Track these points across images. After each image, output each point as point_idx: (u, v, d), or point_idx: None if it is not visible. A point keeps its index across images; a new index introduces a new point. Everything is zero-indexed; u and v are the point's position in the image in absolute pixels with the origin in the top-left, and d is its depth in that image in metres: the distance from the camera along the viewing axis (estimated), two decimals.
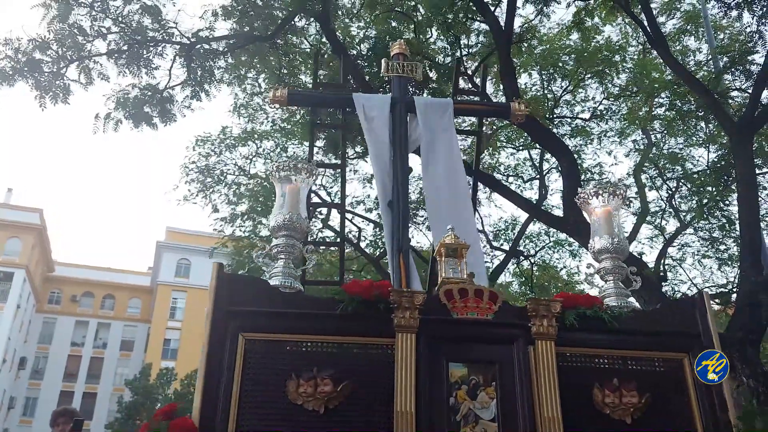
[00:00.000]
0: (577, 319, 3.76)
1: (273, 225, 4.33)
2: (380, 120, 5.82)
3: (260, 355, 3.51)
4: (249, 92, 15.03)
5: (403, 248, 5.25)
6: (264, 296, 3.69)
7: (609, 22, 13.89)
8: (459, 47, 13.53)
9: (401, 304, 3.55)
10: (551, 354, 3.61)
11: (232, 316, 3.56)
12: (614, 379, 3.69)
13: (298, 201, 4.43)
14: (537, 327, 3.65)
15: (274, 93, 6.01)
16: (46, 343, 50.46)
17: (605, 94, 14.97)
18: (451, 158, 5.87)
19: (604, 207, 4.58)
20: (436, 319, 3.63)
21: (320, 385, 3.40)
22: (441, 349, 3.57)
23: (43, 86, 11.22)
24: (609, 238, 4.45)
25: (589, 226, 11.73)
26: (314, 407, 3.39)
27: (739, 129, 10.29)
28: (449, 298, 3.70)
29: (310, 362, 3.48)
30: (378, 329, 3.59)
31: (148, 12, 11.54)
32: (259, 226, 15.51)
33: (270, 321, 3.59)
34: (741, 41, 12.55)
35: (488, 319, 3.69)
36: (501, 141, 15.64)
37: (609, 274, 4.42)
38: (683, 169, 14.95)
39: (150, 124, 12.13)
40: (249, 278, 4.05)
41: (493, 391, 3.52)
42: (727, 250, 14.80)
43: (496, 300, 3.73)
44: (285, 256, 4.19)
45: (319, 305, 3.72)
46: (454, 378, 3.53)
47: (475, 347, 3.66)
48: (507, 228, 16.73)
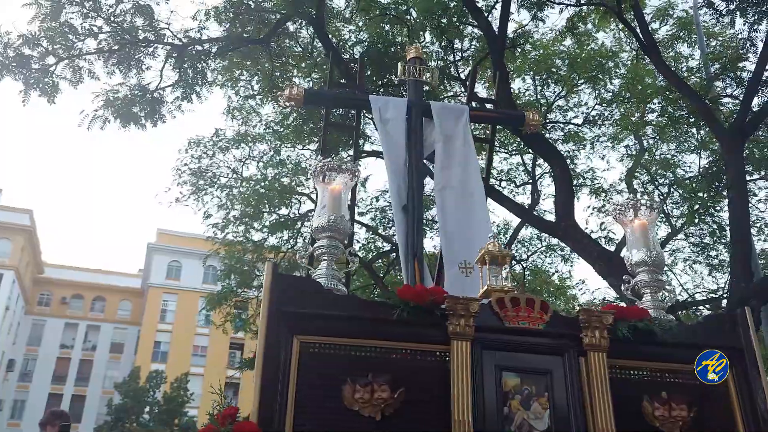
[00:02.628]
0: (629, 331, 3.73)
1: (316, 226, 4.23)
2: (396, 123, 5.80)
3: (315, 358, 3.44)
4: (242, 95, 14.99)
5: (418, 253, 5.21)
6: (318, 298, 3.61)
7: (602, 27, 13.96)
8: (453, 51, 13.55)
9: (456, 312, 3.49)
10: (603, 365, 3.58)
11: (285, 317, 3.47)
12: (663, 392, 3.67)
13: (341, 202, 4.33)
14: (589, 338, 3.61)
15: (289, 91, 5.88)
16: (35, 345, 50.16)
17: (598, 99, 15.02)
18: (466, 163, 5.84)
19: (640, 220, 4.57)
20: (489, 327, 3.59)
21: (377, 391, 3.33)
22: (494, 358, 3.53)
23: (32, 83, 11.15)
24: (647, 251, 4.41)
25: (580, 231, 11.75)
26: (371, 414, 3.31)
27: (730, 135, 10.36)
28: (501, 307, 3.66)
29: (365, 368, 3.40)
30: (432, 336, 3.53)
31: (140, 12, 11.49)
32: (251, 231, 15.46)
33: (325, 324, 3.51)
34: (733, 48, 12.63)
35: (540, 329, 3.65)
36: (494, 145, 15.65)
37: (646, 287, 4.37)
38: (675, 174, 15.02)
39: (138, 125, 12.07)
40: (303, 279, 3.90)
41: (546, 401, 3.48)
42: (718, 256, 14.88)
43: (547, 310, 3.69)
44: (328, 258, 4.10)
45: (374, 309, 3.67)
46: (507, 387, 3.49)
47: (527, 357, 3.61)
48: (500, 232, 16.74)
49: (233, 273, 15.84)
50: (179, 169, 15.74)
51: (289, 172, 15.74)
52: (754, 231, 13.29)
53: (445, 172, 5.78)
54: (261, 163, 15.96)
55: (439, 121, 5.86)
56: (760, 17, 10.52)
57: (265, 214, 15.41)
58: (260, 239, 15.64)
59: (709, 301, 14.27)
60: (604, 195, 15.42)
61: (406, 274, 5.23)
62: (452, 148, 5.83)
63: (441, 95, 12.99)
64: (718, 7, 10.70)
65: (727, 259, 13.07)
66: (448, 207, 5.71)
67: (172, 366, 44.61)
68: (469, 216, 5.63)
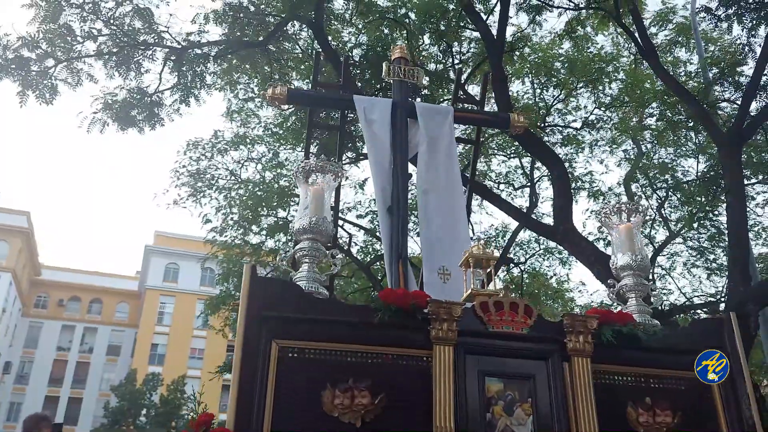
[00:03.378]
0: (613, 336, 3.70)
1: (297, 228, 4.16)
2: (381, 123, 5.73)
3: (294, 363, 3.36)
4: (242, 98, 14.99)
5: (403, 255, 5.12)
6: (298, 301, 3.53)
7: (601, 31, 13.98)
8: (451, 55, 13.57)
9: (439, 316, 3.44)
10: (587, 371, 3.55)
11: (264, 321, 3.40)
12: (647, 397, 3.65)
13: (323, 203, 4.26)
14: (573, 343, 3.57)
15: (273, 90, 5.82)
16: (31, 348, 50.07)
17: (597, 103, 15.04)
18: (450, 165, 5.78)
19: (625, 223, 4.55)
20: (472, 331, 3.53)
21: (357, 397, 3.27)
22: (478, 363, 3.48)
23: (31, 85, 11.13)
24: (632, 255, 4.39)
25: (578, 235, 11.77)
26: (351, 420, 3.25)
27: (728, 140, 10.38)
28: (485, 311, 3.60)
29: (346, 372, 3.35)
30: (414, 340, 3.48)
31: (139, 15, 11.48)
32: (249, 234, 15.44)
33: (304, 328, 3.44)
34: (731, 53, 12.66)
35: (523, 333, 3.60)
36: (492, 148, 15.68)
37: (631, 291, 4.34)
38: (673, 178, 15.04)
39: (137, 128, 12.06)
40: (283, 282, 3.82)
41: (529, 407, 3.44)
42: (716, 260, 14.90)
43: (531, 314, 3.64)
44: (309, 261, 4.03)
45: (355, 313, 3.59)
46: (490, 393, 3.44)
47: (511, 362, 3.56)
48: (498, 235, 16.77)
49: (231, 276, 15.80)
50: (177, 171, 15.75)
51: (288, 174, 15.75)
52: (752, 235, 13.33)
53: (429, 174, 5.70)
54: (260, 166, 15.96)
55: (424, 122, 5.79)
56: (757, 23, 10.55)
57: (263, 216, 15.39)
58: (258, 242, 15.63)
59: (708, 304, 14.28)
60: (603, 198, 15.45)
61: (390, 277, 5.14)
62: (436, 150, 5.75)
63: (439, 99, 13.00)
64: (716, 12, 10.72)
65: (726, 263, 13.09)
66: (430, 210, 5.63)
67: (169, 368, 44.55)
68: (450, 221, 5.56)
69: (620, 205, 4.63)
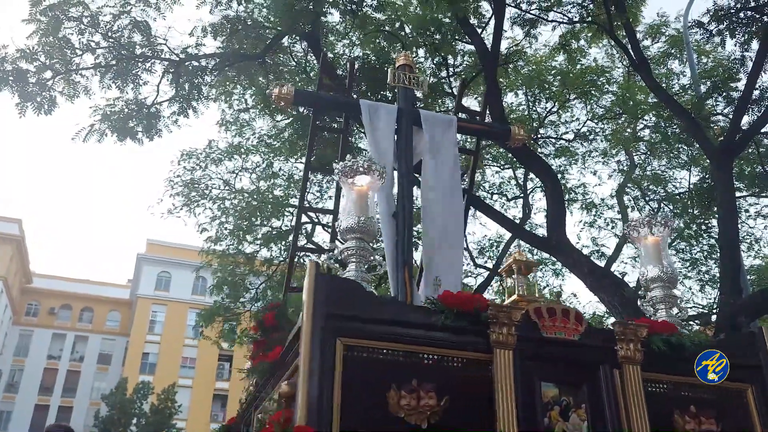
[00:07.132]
0: (664, 345, 3.79)
1: (343, 227, 4.18)
2: (386, 129, 5.74)
3: (358, 362, 3.35)
4: (236, 108, 15.02)
5: (408, 261, 5.14)
6: (363, 301, 3.55)
7: (594, 43, 14.09)
8: (446, 67, 13.64)
9: (499, 320, 3.49)
10: (638, 378, 3.62)
11: (329, 319, 3.38)
12: (691, 406, 3.73)
13: (368, 203, 4.29)
14: (624, 351, 3.65)
15: (279, 90, 5.75)
16: (22, 356, 49.71)
17: (590, 115, 15.14)
18: (452, 174, 5.84)
19: (654, 237, 4.65)
20: (528, 336, 3.60)
21: (424, 398, 3.28)
22: (534, 368, 3.54)
23: (29, 96, 11.13)
24: (661, 267, 4.52)
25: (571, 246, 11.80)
26: (416, 422, 3.24)
27: (720, 153, 10.46)
28: (539, 316, 3.68)
29: (409, 373, 3.35)
30: (474, 343, 3.53)
31: (137, 28, 11.52)
32: (244, 243, 15.45)
33: (369, 327, 3.44)
34: (725, 66, 12.76)
35: (575, 339, 3.68)
36: (486, 159, 15.76)
37: (660, 303, 4.46)
38: (665, 190, 15.14)
39: (135, 139, 12.07)
40: (346, 281, 3.81)
41: (583, 413, 3.52)
42: (708, 272, 14.99)
43: (581, 321, 3.73)
44: (356, 260, 4.07)
45: (418, 314, 3.63)
46: (546, 398, 3.51)
47: (564, 368, 3.63)
48: (491, 245, 16.82)
49: (225, 285, 15.79)
50: (171, 181, 15.75)
51: (282, 184, 15.78)
52: (743, 247, 13.42)
53: (433, 182, 5.76)
54: (254, 175, 15.99)
55: (429, 130, 5.84)
56: (749, 37, 10.64)
57: (257, 226, 15.41)
58: (252, 251, 15.63)
59: (700, 316, 14.34)
60: (595, 210, 15.53)
61: (394, 283, 5.12)
62: (440, 159, 5.80)
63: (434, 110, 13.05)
64: (708, 26, 10.80)
65: (718, 275, 13.18)
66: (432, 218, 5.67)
67: (159, 377, 44.30)
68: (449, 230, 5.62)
69: (648, 218, 4.74)
